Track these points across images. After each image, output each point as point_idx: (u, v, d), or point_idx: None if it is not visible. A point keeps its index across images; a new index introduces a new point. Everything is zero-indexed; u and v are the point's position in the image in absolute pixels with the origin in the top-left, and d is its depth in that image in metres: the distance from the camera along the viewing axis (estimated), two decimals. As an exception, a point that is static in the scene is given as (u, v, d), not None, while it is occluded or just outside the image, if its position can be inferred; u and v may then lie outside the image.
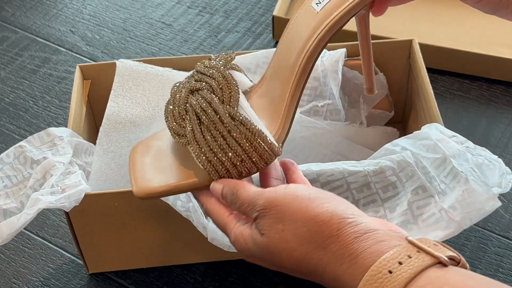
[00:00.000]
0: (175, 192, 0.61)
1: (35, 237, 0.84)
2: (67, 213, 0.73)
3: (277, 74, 0.64)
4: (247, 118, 0.59)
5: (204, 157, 0.59)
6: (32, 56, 1.07)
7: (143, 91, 0.82)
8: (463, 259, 0.49)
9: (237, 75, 0.65)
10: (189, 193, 0.67)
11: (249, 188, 0.56)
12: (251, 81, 0.67)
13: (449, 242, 0.80)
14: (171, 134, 0.63)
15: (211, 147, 0.59)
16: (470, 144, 0.71)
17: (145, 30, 1.10)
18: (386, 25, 1.04)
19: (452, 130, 0.73)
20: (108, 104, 0.81)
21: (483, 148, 0.71)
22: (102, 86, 0.86)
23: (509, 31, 1.04)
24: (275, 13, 1.03)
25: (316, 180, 0.71)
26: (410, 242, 0.49)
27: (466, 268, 0.49)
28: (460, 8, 1.08)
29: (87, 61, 1.05)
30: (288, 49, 0.65)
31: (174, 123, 0.62)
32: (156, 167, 0.63)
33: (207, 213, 0.60)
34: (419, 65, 0.83)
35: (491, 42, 1.02)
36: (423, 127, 0.73)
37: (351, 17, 0.65)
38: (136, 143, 0.67)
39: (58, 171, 0.70)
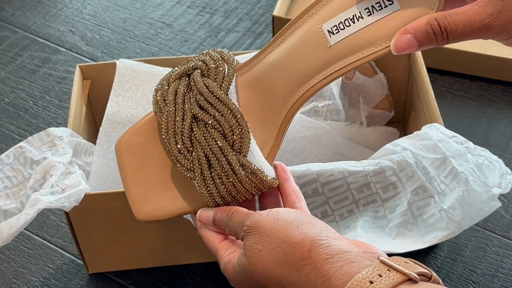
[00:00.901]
0: (173, 216, 0.61)
1: (35, 237, 0.84)
2: (67, 213, 0.73)
3: (276, 76, 0.61)
4: (260, 169, 0.59)
5: (212, 201, 0.59)
6: (32, 56, 1.07)
7: (143, 91, 0.82)
8: (434, 274, 0.50)
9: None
10: None
11: (241, 211, 0.58)
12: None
13: (449, 242, 0.81)
14: (175, 163, 0.60)
15: (221, 193, 0.59)
16: (470, 144, 0.71)
17: (145, 30, 1.10)
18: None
19: (452, 130, 0.73)
20: (108, 104, 0.81)
21: (483, 148, 0.71)
22: (102, 86, 0.86)
23: (509, 31, 1.04)
24: (275, 13, 1.03)
25: (316, 180, 0.71)
26: (382, 262, 0.50)
27: (438, 283, 0.50)
28: (460, 8, 1.08)
29: (87, 61, 1.05)
30: (292, 61, 0.60)
31: (179, 154, 0.59)
32: (150, 182, 0.61)
33: (199, 235, 0.61)
34: (419, 65, 0.83)
35: (491, 42, 1.01)
36: (423, 127, 0.73)
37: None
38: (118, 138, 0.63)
39: (58, 171, 0.70)
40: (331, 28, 0.58)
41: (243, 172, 0.58)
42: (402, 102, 0.91)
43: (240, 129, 0.58)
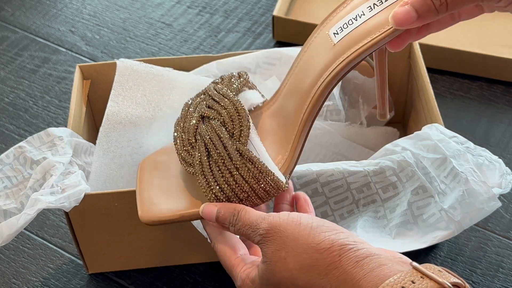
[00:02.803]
0: (180, 220, 0.61)
1: (35, 237, 0.84)
2: (67, 213, 0.73)
3: (291, 96, 0.63)
4: (256, 156, 0.59)
5: (211, 192, 0.59)
6: (31, 56, 1.07)
7: (143, 91, 0.82)
8: (467, 286, 0.49)
9: (249, 94, 0.65)
10: None
11: (251, 211, 0.56)
12: (263, 96, 0.67)
13: (449, 242, 0.80)
14: (180, 160, 0.63)
15: (218, 182, 0.59)
16: (471, 144, 0.71)
17: (145, 30, 1.10)
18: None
19: (452, 130, 0.73)
20: (108, 104, 0.81)
21: (483, 148, 0.71)
22: (102, 86, 0.86)
23: (509, 31, 1.04)
24: (275, 13, 1.03)
25: (316, 180, 0.71)
26: (414, 268, 0.49)
27: None
28: (460, 8, 1.08)
29: (86, 61, 1.05)
30: (303, 75, 0.63)
31: (184, 150, 0.62)
32: (163, 189, 0.63)
33: (214, 249, 0.59)
34: (419, 65, 0.83)
35: (491, 42, 1.02)
36: (423, 128, 0.73)
37: (370, 53, 0.60)
38: (143, 159, 0.67)
39: (58, 171, 0.70)
40: (336, 31, 0.60)
41: (239, 158, 0.58)
42: (402, 102, 0.91)
43: (239, 119, 0.60)
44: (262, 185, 0.59)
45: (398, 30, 0.57)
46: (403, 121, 0.93)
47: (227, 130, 0.60)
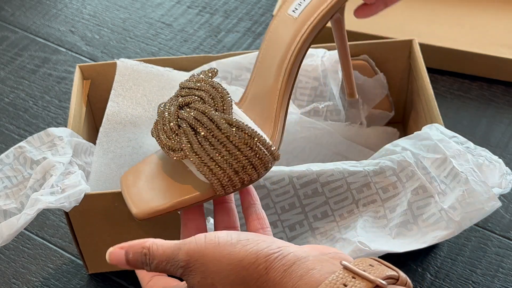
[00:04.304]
0: (178, 208, 0.60)
1: (35, 237, 0.84)
2: (67, 213, 0.73)
3: (263, 81, 0.65)
4: (244, 123, 0.59)
5: (205, 167, 0.59)
6: (31, 56, 1.07)
7: (143, 91, 0.82)
8: (402, 274, 0.47)
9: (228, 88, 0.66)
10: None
11: (163, 243, 0.50)
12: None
13: (449, 242, 0.80)
14: (165, 151, 0.61)
15: (211, 155, 0.59)
16: (471, 144, 0.71)
17: (145, 30, 1.10)
18: (386, 25, 1.04)
19: (452, 130, 0.73)
20: (108, 104, 0.81)
21: (484, 148, 0.71)
22: (102, 86, 0.86)
23: (509, 31, 1.04)
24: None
25: (316, 180, 0.71)
26: (345, 267, 0.46)
27: (405, 285, 0.47)
28: (460, 8, 1.08)
29: (86, 61, 1.05)
30: (271, 56, 0.66)
31: (167, 139, 0.61)
32: (152, 188, 0.62)
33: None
34: (419, 65, 0.83)
35: (491, 42, 1.02)
36: (423, 128, 0.73)
37: (330, 18, 0.69)
38: (127, 169, 0.66)
39: (58, 171, 0.70)
40: (294, 9, 0.68)
41: (227, 126, 0.58)
42: (402, 102, 0.91)
43: (219, 94, 0.61)
44: (256, 150, 0.59)
45: None
46: (403, 121, 0.93)
47: (210, 106, 0.60)
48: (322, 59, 0.84)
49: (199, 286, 0.49)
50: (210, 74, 0.64)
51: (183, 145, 0.60)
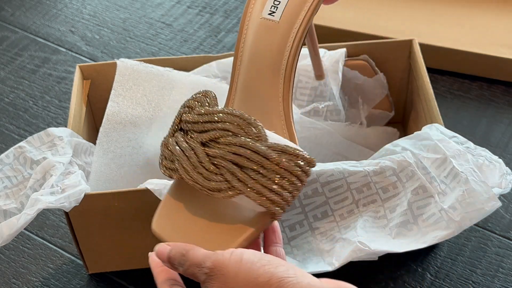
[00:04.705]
0: (245, 246, 0.59)
1: (35, 237, 0.84)
2: (67, 213, 0.73)
3: (252, 96, 0.63)
4: (286, 145, 0.58)
5: (264, 199, 0.57)
6: (31, 56, 1.07)
7: (143, 91, 0.82)
8: None
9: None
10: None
11: (198, 250, 0.55)
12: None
13: (449, 242, 0.80)
14: (205, 193, 0.58)
15: (267, 186, 0.57)
16: (471, 144, 0.71)
17: (145, 30, 1.10)
18: (386, 25, 1.04)
19: (452, 130, 0.73)
20: (109, 104, 0.81)
21: (484, 148, 0.71)
22: (102, 86, 0.86)
23: (509, 31, 1.04)
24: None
25: (316, 180, 0.71)
26: None
27: None
28: (461, 8, 1.08)
29: (86, 61, 1.05)
30: (259, 64, 0.63)
31: (207, 181, 0.57)
32: (208, 232, 0.59)
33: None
34: (419, 65, 0.83)
35: (491, 42, 1.02)
36: (423, 128, 0.73)
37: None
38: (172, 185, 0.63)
39: (58, 171, 0.70)
40: (269, 11, 0.64)
41: (275, 154, 0.56)
42: (402, 102, 0.91)
43: (246, 122, 0.58)
44: (302, 166, 0.58)
45: None
46: (403, 121, 0.93)
47: (244, 137, 0.57)
48: (322, 59, 0.84)
49: None
50: (214, 102, 0.61)
51: (234, 183, 0.57)
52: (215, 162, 0.57)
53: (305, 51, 0.85)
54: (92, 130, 0.86)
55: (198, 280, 0.54)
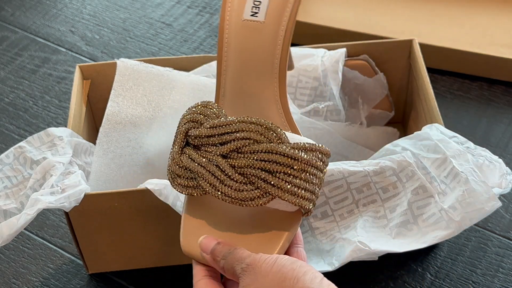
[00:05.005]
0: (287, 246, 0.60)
1: (35, 237, 0.84)
2: (67, 213, 0.73)
3: (247, 99, 0.62)
4: (307, 142, 0.58)
5: (299, 199, 0.57)
6: (31, 56, 1.07)
7: (143, 91, 0.82)
8: None
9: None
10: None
11: (245, 251, 0.57)
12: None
13: (449, 242, 0.80)
14: (237, 204, 0.58)
15: (300, 186, 0.57)
16: (471, 144, 0.71)
17: (145, 30, 1.10)
18: (386, 25, 1.04)
19: (452, 130, 0.73)
20: (108, 104, 0.81)
21: (484, 148, 0.71)
22: (102, 86, 0.86)
23: (509, 31, 1.04)
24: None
25: (316, 180, 0.71)
26: None
27: None
28: (461, 8, 1.08)
29: (86, 61, 1.05)
30: (248, 66, 0.62)
31: (238, 192, 0.57)
32: (247, 237, 0.60)
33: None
34: (419, 65, 0.83)
35: (491, 42, 1.02)
36: (423, 128, 0.73)
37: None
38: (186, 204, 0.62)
39: (57, 171, 0.70)
40: (251, 12, 0.62)
41: (302, 153, 0.57)
42: (402, 102, 0.91)
43: (264, 127, 0.57)
44: (324, 161, 0.59)
45: None
46: (403, 121, 0.93)
47: (268, 143, 0.57)
48: (322, 59, 0.84)
49: (242, 287, 0.54)
50: (220, 112, 0.60)
51: (268, 189, 0.56)
52: (243, 172, 0.57)
53: (305, 50, 0.85)
54: (92, 130, 0.86)
55: (233, 274, 0.56)
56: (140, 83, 0.82)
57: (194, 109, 0.61)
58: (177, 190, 0.60)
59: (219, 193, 0.57)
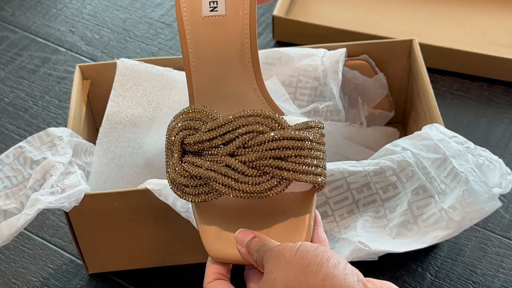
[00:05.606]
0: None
1: (35, 237, 0.84)
2: (66, 213, 0.73)
3: (224, 94, 0.62)
4: (305, 121, 0.59)
5: (312, 176, 0.57)
6: (31, 56, 1.07)
7: (143, 91, 0.82)
8: None
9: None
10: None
11: (275, 242, 0.57)
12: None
13: (449, 242, 0.80)
14: (257, 197, 0.58)
15: (310, 163, 0.57)
16: (471, 144, 0.71)
17: (145, 30, 1.10)
18: (386, 25, 1.04)
19: (452, 130, 0.73)
20: (108, 104, 0.81)
21: (484, 148, 0.71)
22: (101, 86, 0.86)
23: (509, 31, 1.04)
24: (275, 13, 1.03)
25: (316, 180, 0.71)
26: None
27: None
28: (461, 8, 1.08)
29: (86, 61, 1.05)
30: (222, 65, 0.62)
31: (255, 186, 0.57)
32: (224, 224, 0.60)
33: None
34: (419, 65, 0.83)
35: (491, 42, 1.02)
36: (423, 128, 0.73)
37: None
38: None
39: (57, 171, 0.70)
40: (210, 7, 0.61)
41: (305, 133, 0.57)
42: (402, 102, 0.91)
43: (263, 117, 0.58)
44: (320, 135, 0.60)
45: None
46: (403, 121, 0.93)
47: (272, 131, 0.58)
48: (322, 59, 0.84)
49: (265, 276, 0.54)
50: (212, 113, 0.60)
51: (284, 175, 0.57)
52: (255, 165, 0.57)
53: (305, 50, 0.85)
54: (92, 130, 0.86)
55: (260, 261, 0.56)
56: (140, 83, 0.82)
57: (182, 116, 0.60)
58: (188, 200, 0.59)
59: (237, 191, 0.57)
